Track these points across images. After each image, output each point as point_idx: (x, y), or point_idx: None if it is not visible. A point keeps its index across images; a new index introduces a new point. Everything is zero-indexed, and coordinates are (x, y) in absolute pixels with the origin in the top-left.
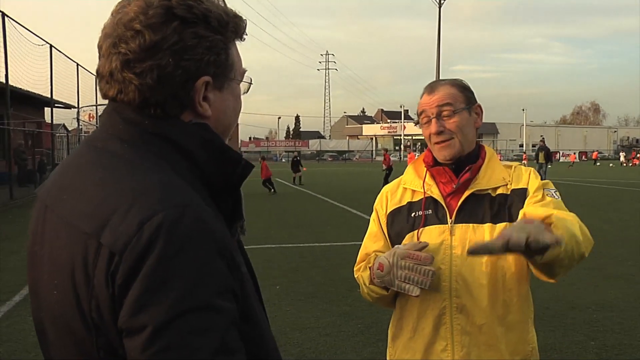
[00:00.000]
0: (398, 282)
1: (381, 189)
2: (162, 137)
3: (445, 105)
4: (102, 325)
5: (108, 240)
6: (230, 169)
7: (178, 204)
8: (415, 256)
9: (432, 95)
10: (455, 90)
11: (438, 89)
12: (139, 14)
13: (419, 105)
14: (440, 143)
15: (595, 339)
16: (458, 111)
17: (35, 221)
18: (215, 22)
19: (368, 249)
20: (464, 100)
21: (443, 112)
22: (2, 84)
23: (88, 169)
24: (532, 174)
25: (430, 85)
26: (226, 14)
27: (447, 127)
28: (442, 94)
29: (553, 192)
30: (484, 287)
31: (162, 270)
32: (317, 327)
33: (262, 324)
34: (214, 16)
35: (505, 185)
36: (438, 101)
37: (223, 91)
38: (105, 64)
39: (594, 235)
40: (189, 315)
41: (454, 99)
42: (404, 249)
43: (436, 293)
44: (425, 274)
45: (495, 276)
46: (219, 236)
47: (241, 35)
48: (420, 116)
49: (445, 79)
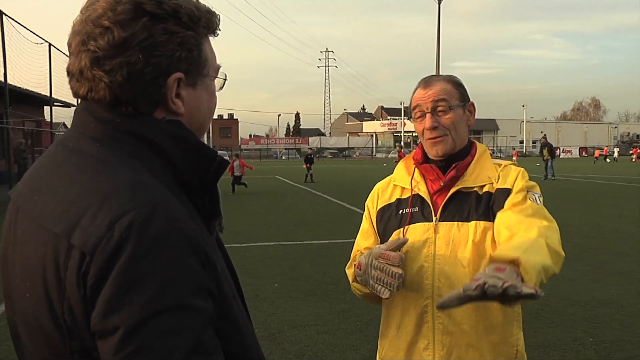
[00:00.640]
0: (372, 282)
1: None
2: (134, 135)
3: (440, 100)
4: (75, 327)
5: (78, 241)
6: (205, 166)
7: (149, 202)
8: (386, 256)
9: (427, 90)
10: (451, 87)
11: (433, 84)
12: (107, 10)
13: (413, 100)
14: (433, 139)
15: (594, 335)
16: (453, 107)
17: (8, 223)
18: (186, 17)
19: (359, 245)
20: (459, 97)
21: (438, 107)
22: (1, 83)
23: (59, 169)
24: (520, 174)
25: (425, 80)
26: (197, 9)
27: (442, 123)
28: (438, 89)
29: (537, 196)
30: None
31: (134, 271)
32: (316, 324)
33: (240, 322)
34: (185, 12)
35: (492, 184)
36: (434, 96)
37: (196, 88)
38: (75, 62)
39: (594, 232)
40: (162, 315)
41: (449, 95)
42: (381, 247)
43: (418, 291)
44: (393, 276)
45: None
46: (192, 234)
47: (214, 31)
48: (414, 110)
49: (440, 75)
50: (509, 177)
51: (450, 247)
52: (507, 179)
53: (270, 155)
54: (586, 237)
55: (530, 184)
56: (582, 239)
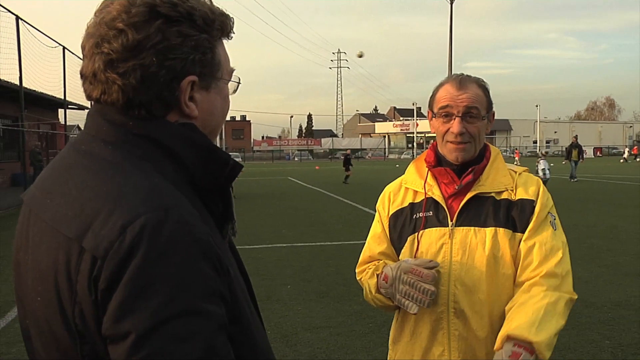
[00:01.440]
0: (399, 297)
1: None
2: (147, 138)
3: (474, 108)
4: (86, 332)
5: (90, 245)
6: (217, 169)
7: (161, 206)
8: (418, 272)
9: (461, 92)
10: (482, 93)
11: (467, 86)
12: (121, 13)
13: (441, 97)
14: (458, 144)
15: (610, 338)
16: (483, 117)
17: (21, 226)
18: (200, 20)
19: (372, 250)
20: (486, 106)
21: (469, 114)
22: (16, 86)
23: (71, 172)
24: (542, 189)
25: (459, 80)
26: (212, 12)
27: (469, 130)
28: (472, 94)
29: (554, 219)
30: (483, 292)
31: (145, 275)
32: (329, 326)
33: (252, 327)
34: (199, 14)
35: (510, 191)
36: (468, 101)
37: (210, 91)
38: (88, 64)
39: (609, 232)
40: (174, 321)
41: (481, 104)
42: (411, 263)
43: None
44: (425, 293)
45: (494, 282)
46: (204, 238)
47: (228, 34)
48: (441, 109)
49: (471, 76)
50: (529, 188)
51: (467, 253)
52: (528, 190)
53: (282, 156)
54: (601, 237)
55: (549, 203)
56: (597, 239)
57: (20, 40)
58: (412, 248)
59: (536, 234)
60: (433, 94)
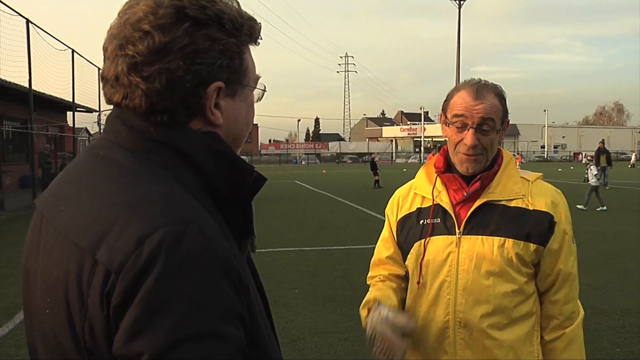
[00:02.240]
0: (374, 349)
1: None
2: (168, 146)
3: (489, 120)
4: (95, 349)
5: (104, 257)
6: (240, 181)
7: (180, 219)
8: (390, 342)
9: (477, 101)
10: (498, 103)
11: (484, 95)
12: (148, 14)
13: (456, 105)
14: (469, 156)
15: (621, 346)
16: (497, 130)
17: (32, 232)
18: (229, 24)
19: (381, 254)
20: (502, 115)
21: (484, 126)
22: (26, 89)
23: (87, 178)
24: (562, 201)
25: (476, 88)
26: (240, 16)
27: (482, 142)
28: (489, 104)
29: (572, 237)
30: (489, 302)
31: (161, 292)
32: (336, 331)
33: (269, 348)
34: (228, 18)
35: (523, 199)
36: (483, 112)
37: (235, 98)
38: (110, 67)
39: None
40: (189, 343)
41: (497, 115)
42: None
43: (440, 306)
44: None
45: (501, 291)
46: (225, 255)
47: (256, 40)
48: (455, 117)
49: (488, 83)
50: (547, 198)
51: (474, 262)
52: (545, 201)
53: (290, 160)
54: (611, 243)
55: (569, 217)
56: (607, 245)
57: (30, 43)
58: (418, 255)
59: (561, 260)
60: (447, 98)
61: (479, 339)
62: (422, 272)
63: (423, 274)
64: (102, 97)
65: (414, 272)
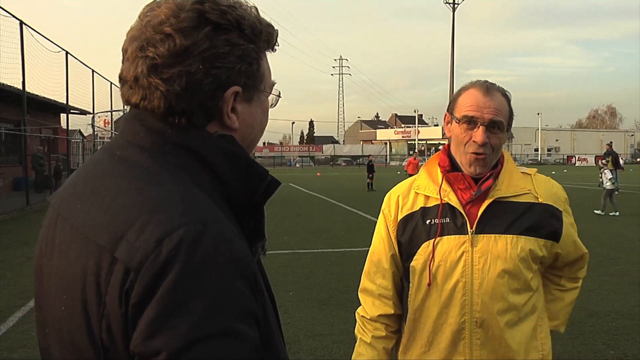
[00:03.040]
0: None
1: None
2: (185, 147)
3: (499, 119)
4: (112, 347)
5: (123, 256)
6: (254, 184)
7: (199, 219)
8: None
9: (487, 99)
10: (506, 103)
11: (494, 94)
12: (170, 17)
13: (465, 102)
14: (478, 155)
15: (615, 348)
16: (505, 130)
17: (46, 230)
18: (249, 29)
19: (380, 254)
20: (508, 118)
21: (494, 125)
22: (19, 91)
23: (105, 177)
24: (563, 193)
25: (486, 86)
26: (259, 22)
27: (491, 142)
28: (498, 103)
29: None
30: (505, 300)
31: (181, 291)
32: (331, 334)
33: (280, 350)
34: (248, 24)
35: (529, 193)
36: (494, 112)
37: (252, 103)
38: (130, 68)
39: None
40: (208, 341)
41: (504, 116)
42: None
43: (455, 308)
44: None
45: (516, 289)
46: (242, 256)
47: (273, 46)
48: (465, 115)
49: (495, 84)
50: (552, 190)
51: (488, 261)
52: (551, 193)
53: (284, 162)
54: (605, 246)
55: (566, 204)
56: (601, 248)
57: (23, 45)
58: (426, 255)
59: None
60: (455, 97)
61: (494, 338)
62: (432, 273)
63: (433, 275)
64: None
65: (422, 274)
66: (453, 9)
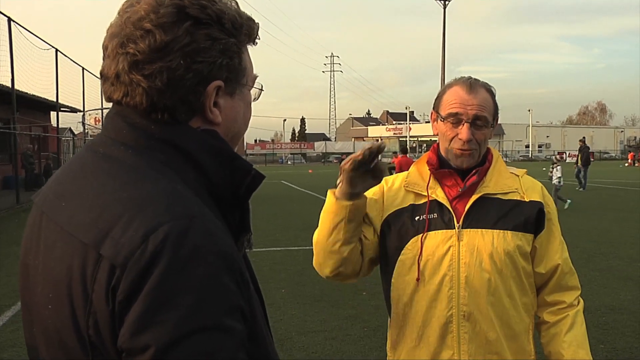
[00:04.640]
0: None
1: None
2: (169, 143)
3: (483, 115)
4: (100, 344)
5: (109, 252)
6: (239, 178)
7: (185, 214)
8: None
9: (471, 95)
10: (490, 99)
11: (478, 90)
12: (149, 13)
13: (449, 100)
14: (463, 151)
15: (605, 342)
16: (490, 125)
17: (30, 229)
18: (229, 24)
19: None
20: (493, 113)
21: (478, 121)
22: (8, 89)
23: (89, 175)
24: (546, 192)
25: (469, 83)
26: (240, 16)
27: (476, 137)
28: (482, 99)
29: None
30: (492, 294)
31: (167, 286)
32: (323, 330)
33: (267, 343)
34: (228, 18)
35: (517, 192)
36: (478, 108)
37: (234, 97)
38: (110, 65)
39: (602, 236)
40: (195, 335)
41: (489, 111)
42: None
43: (442, 301)
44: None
45: (503, 283)
46: (228, 251)
47: (254, 40)
48: (450, 114)
49: (479, 80)
50: (536, 190)
51: (475, 255)
52: (536, 192)
53: (275, 160)
54: (594, 242)
55: (553, 206)
56: (590, 243)
57: (12, 42)
58: (415, 251)
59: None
60: (439, 95)
61: (482, 333)
62: (421, 268)
63: (421, 270)
64: (86, 97)
65: (410, 269)
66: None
